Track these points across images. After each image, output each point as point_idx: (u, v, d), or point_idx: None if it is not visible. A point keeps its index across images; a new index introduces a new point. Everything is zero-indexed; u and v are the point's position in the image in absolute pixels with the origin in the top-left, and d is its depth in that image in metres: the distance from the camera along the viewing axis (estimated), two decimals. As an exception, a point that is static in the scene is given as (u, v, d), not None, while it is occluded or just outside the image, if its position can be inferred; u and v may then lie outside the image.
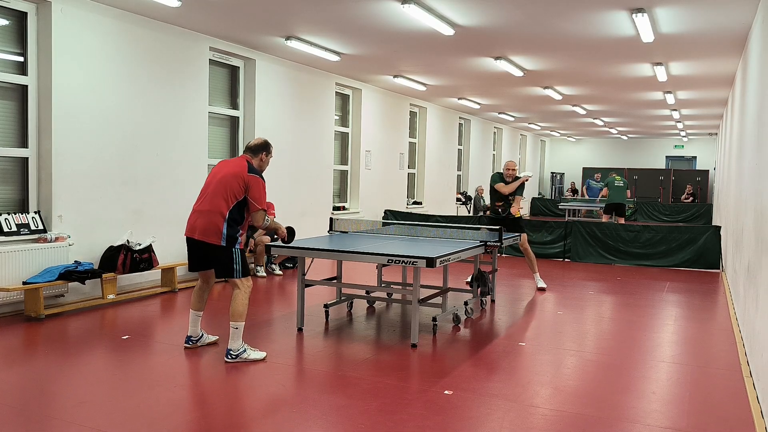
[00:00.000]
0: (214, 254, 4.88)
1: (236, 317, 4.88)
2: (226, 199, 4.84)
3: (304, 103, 10.83)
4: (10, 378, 4.49)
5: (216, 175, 4.97)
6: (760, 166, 5.21)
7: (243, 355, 4.91)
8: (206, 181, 5.04)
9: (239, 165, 4.97)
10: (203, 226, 4.84)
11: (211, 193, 4.88)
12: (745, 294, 6.01)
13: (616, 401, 4.28)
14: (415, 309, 5.47)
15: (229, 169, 4.94)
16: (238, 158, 5.11)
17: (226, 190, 4.84)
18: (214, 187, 4.88)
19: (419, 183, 16.15)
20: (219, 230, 4.82)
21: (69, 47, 6.77)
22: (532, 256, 8.52)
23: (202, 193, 4.97)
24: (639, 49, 8.70)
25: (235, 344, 4.90)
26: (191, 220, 4.95)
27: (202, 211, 4.88)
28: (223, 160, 5.19)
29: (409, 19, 7.48)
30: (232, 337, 4.90)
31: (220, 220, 4.82)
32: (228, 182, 4.86)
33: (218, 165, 5.13)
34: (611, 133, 24.71)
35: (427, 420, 3.85)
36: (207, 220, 4.84)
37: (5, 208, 6.57)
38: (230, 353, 4.90)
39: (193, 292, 5.26)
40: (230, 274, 4.90)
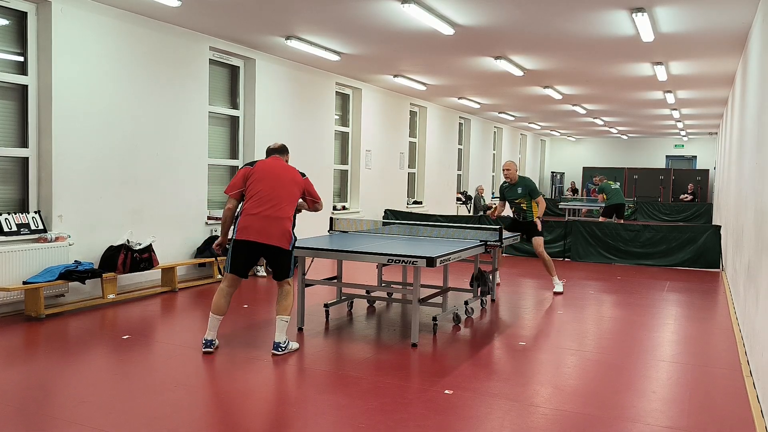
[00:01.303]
0: (279, 257, 5.10)
1: (288, 311, 5.14)
2: (292, 204, 5.13)
3: (304, 103, 10.83)
4: (10, 378, 4.49)
5: (276, 178, 5.10)
6: (760, 165, 5.21)
7: (289, 347, 5.20)
8: (266, 184, 5.06)
9: (291, 170, 5.24)
10: (278, 232, 5.00)
11: (282, 200, 5.05)
12: (745, 293, 6.01)
13: (616, 400, 4.28)
14: (415, 308, 5.47)
15: (288, 175, 5.17)
16: (278, 161, 5.28)
17: (291, 196, 5.12)
18: (283, 193, 5.06)
19: (419, 183, 16.15)
20: (290, 235, 5.09)
21: (69, 47, 6.77)
22: (546, 259, 8.14)
23: (269, 197, 5.02)
24: (639, 48, 8.70)
25: (282, 337, 5.11)
26: (259, 225, 4.98)
27: (276, 217, 5.01)
28: (266, 162, 5.23)
29: (409, 19, 7.47)
30: (280, 331, 5.10)
31: (290, 225, 5.12)
32: (291, 189, 5.14)
33: (265, 167, 5.16)
34: (611, 133, 24.71)
35: (428, 419, 3.85)
36: (282, 227, 5.02)
37: (5, 207, 6.57)
38: (279, 346, 5.10)
39: (219, 295, 5.14)
40: (288, 274, 5.17)
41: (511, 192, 8.19)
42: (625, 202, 14.69)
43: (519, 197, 8.12)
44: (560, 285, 8.27)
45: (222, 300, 5.14)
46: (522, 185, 8.13)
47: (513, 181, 8.16)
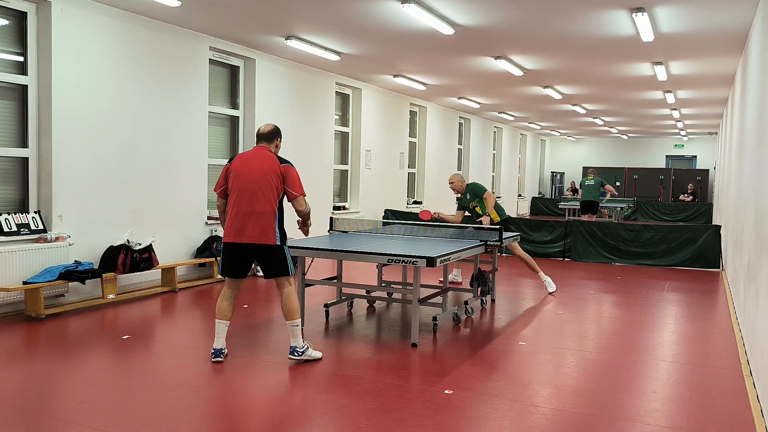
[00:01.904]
0: (268, 255, 4.83)
1: (294, 315, 4.88)
2: (272, 196, 4.79)
3: (304, 103, 10.83)
4: (10, 378, 4.49)
5: (249, 172, 4.80)
6: (760, 165, 5.21)
7: (308, 353, 4.92)
8: (241, 181, 4.80)
9: (269, 159, 4.86)
10: (257, 229, 4.76)
11: (257, 193, 4.76)
12: (745, 293, 6.01)
13: (616, 400, 4.28)
14: (415, 308, 5.47)
15: (263, 166, 4.81)
16: (259, 151, 4.92)
17: (270, 188, 4.78)
18: (257, 186, 4.76)
19: (419, 182, 16.15)
20: (273, 230, 4.80)
21: (69, 47, 6.77)
22: (526, 258, 8.08)
23: (244, 194, 4.78)
24: (639, 48, 8.70)
25: (298, 341, 4.90)
26: (237, 224, 4.79)
27: (252, 212, 4.75)
28: (242, 156, 4.93)
29: (409, 19, 7.47)
30: (294, 336, 4.89)
31: (273, 220, 4.80)
32: (268, 180, 4.78)
33: (241, 162, 4.88)
34: (611, 133, 24.71)
35: (428, 419, 3.85)
36: (260, 222, 4.76)
37: (5, 208, 6.57)
38: (296, 351, 4.89)
39: (221, 299, 4.99)
40: (285, 272, 4.88)
41: (463, 201, 8.18)
42: (596, 200, 14.45)
43: (469, 202, 8.10)
44: (551, 283, 8.19)
45: (223, 303, 4.98)
46: (469, 190, 8.09)
47: (461, 191, 8.12)
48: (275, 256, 4.85)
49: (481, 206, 8.02)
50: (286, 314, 4.90)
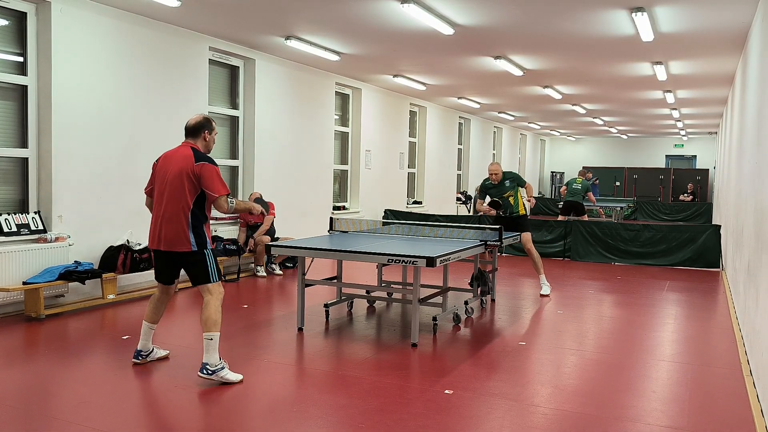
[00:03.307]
0: (186, 262, 4.46)
1: (211, 327, 4.37)
2: (183, 199, 4.36)
3: (304, 103, 10.83)
4: (10, 378, 4.49)
5: (165, 173, 4.45)
6: (760, 164, 5.21)
7: (221, 373, 4.36)
8: (157, 182, 4.51)
9: (184, 157, 4.41)
10: (169, 235, 4.40)
11: (168, 197, 4.40)
12: (745, 293, 6.01)
13: (616, 400, 4.28)
14: (415, 308, 5.47)
15: (176, 166, 4.41)
16: (181, 148, 4.52)
17: (180, 190, 4.36)
18: (169, 189, 4.39)
19: (419, 182, 16.15)
20: (185, 235, 4.37)
21: (69, 47, 6.77)
22: (535, 256, 8.02)
23: (158, 197, 4.48)
24: (639, 48, 8.69)
25: (212, 358, 4.35)
26: (154, 229, 4.48)
27: (164, 217, 4.41)
28: (165, 155, 4.59)
29: (409, 19, 7.47)
30: (207, 350, 4.36)
31: (185, 225, 4.36)
32: (179, 181, 4.36)
33: (162, 160, 4.56)
34: (611, 132, 24.71)
35: (428, 419, 3.85)
36: (171, 228, 4.39)
37: (5, 208, 6.57)
38: (206, 368, 4.34)
39: (149, 302, 4.79)
40: (206, 279, 4.46)
41: (499, 189, 8.00)
42: (581, 203, 14.03)
43: (507, 190, 7.97)
44: (548, 287, 8.10)
45: (151, 307, 4.75)
46: (509, 177, 8.00)
47: (498, 179, 7.99)
48: (194, 263, 4.45)
49: (516, 198, 7.98)
50: (202, 324, 4.41)
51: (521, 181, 8.04)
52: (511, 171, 8.19)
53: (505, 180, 7.99)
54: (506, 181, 7.99)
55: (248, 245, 8.95)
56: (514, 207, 8.02)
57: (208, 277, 4.47)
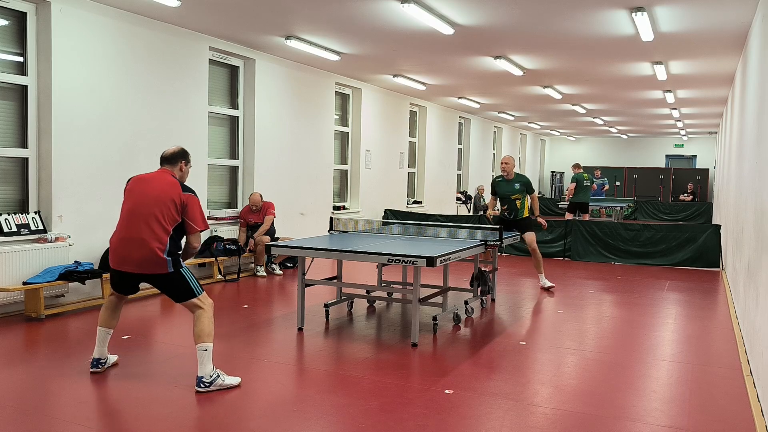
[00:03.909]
0: (162, 283, 4.36)
1: (205, 338, 4.28)
2: (164, 224, 4.28)
3: (304, 103, 10.83)
4: (10, 378, 4.49)
5: (144, 195, 4.34)
6: (760, 164, 5.21)
7: (218, 381, 4.29)
8: (130, 202, 4.38)
9: (170, 184, 4.39)
10: (141, 258, 4.26)
11: (145, 218, 4.27)
12: (745, 292, 6.01)
13: (616, 400, 4.28)
14: (415, 308, 5.47)
15: (159, 191, 4.33)
16: (161, 174, 4.49)
17: (162, 214, 4.28)
18: (147, 211, 4.28)
19: (419, 182, 16.15)
20: (161, 259, 4.26)
21: (69, 47, 6.77)
22: (538, 256, 8.23)
23: (129, 217, 4.32)
24: (639, 47, 8.70)
25: (206, 369, 4.27)
26: (121, 249, 4.32)
27: (135, 239, 4.26)
28: (140, 178, 4.52)
29: (409, 19, 7.47)
30: (201, 362, 4.26)
31: (161, 249, 4.26)
32: (163, 206, 4.29)
33: (137, 183, 4.46)
34: (611, 132, 24.72)
35: (428, 419, 3.85)
36: (144, 251, 4.24)
37: (5, 208, 6.57)
38: (203, 382, 4.24)
39: (104, 307, 4.64)
40: (189, 295, 4.37)
41: (507, 187, 8.12)
42: (589, 201, 14.08)
43: (516, 192, 8.06)
44: (547, 281, 8.37)
45: (106, 312, 4.61)
46: (519, 181, 8.11)
47: (509, 176, 8.12)
48: (170, 284, 4.36)
49: (522, 202, 8.09)
50: (195, 336, 4.31)
51: (531, 189, 8.15)
52: (524, 175, 8.28)
53: (516, 181, 8.09)
54: (516, 183, 8.09)
55: (248, 245, 8.95)
56: (519, 211, 8.13)
57: (192, 292, 4.39)
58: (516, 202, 8.10)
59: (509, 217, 8.15)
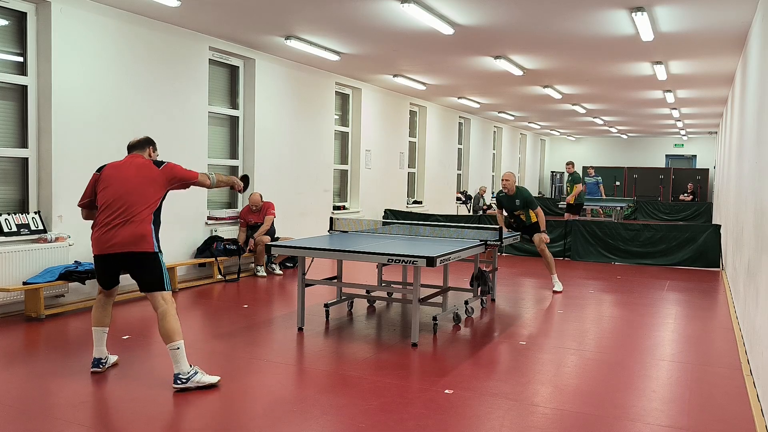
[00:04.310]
0: (142, 265, 4.38)
1: (174, 336, 4.27)
2: (148, 205, 4.38)
3: (304, 103, 10.83)
4: (10, 378, 4.49)
5: (124, 181, 4.39)
6: (760, 164, 5.21)
7: (195, 378, 4.28)
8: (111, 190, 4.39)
9: (144, 165, 4.48)
10: (129, 237, 4.31)
11: (127, 201, 4.34)
12: (745, 292, 6.01)
13: (616, 400, 4.28)
14: (415, 308, 5.47)
15: (138, 173, 4.42)
16: (132, 158, 4.56)
17: (145, 198, 4.37)
18: (131, 196, 4.35)
19: (419, 182, 16.15)
20: (149, 237, 4.36)
21: (69, 47, 6.77)
22: (548, 257, 8.23)
23: (112, 204, 4.35)
24: (639, 47, 8.70)
25: (183, 367, 4.25)
26: (103, 234, 4.37)
27: (120, 222, 4.33)
28: (113, 165, 4.55)
29: (409, 19, 7.47)
30: (176, 360, 4.27)
31: (148, 227, 4.37)
32: (145, 190, 4.38)
33: (112, 170, 4.49)
34: (611, 132, 24.72)
35: (428, 419, 3.85)
36: (132, 230, 4.32)
37: (5, 208, 6.57)
38: (179, 378, 4.24)
39: (95, 307, 4.70)
40: (160, 285, 4.39)
41: (509, 203, 8.22)
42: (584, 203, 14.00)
43: (517, 209, 8.16)
44: (559, 284, 8.31)
45: (99, 311, 4.67)
46: (520, 197, 8.11)
47: (511, 192, 8.15)
48: (148, 265, 4.39)
49: (527, 215, 8.13)
50: (163, 337, 4.30)
51: (533, 206, 8.15)
52: (526, 189, 8.26)
53: (516, 198, 8.13)
54: (517, 200, 8.13)
55: (248, 245, 8.95)
56: (526, 221, 8.20)
57: (162, 284, 4.40)
58: (520, 217, 8.20)
59: (520, 224, 8.28)
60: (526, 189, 8.27)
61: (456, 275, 8.81)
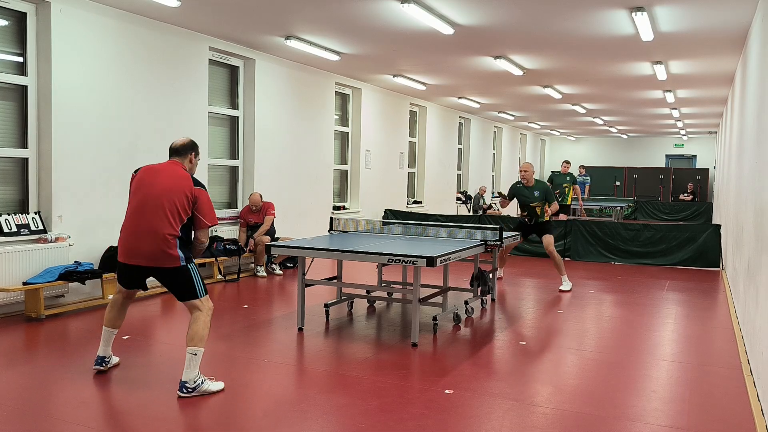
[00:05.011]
0: (171, 279, 4.26)
1: (198, 342, 4.19)
2: (174, 217, 4.20)
3: (304, 103, 10.83)
4: (10, 378, 4.49)
5: (155, 187, 4.25)
6: (759, 164, 5.21)
7: (202, 387, 4.19)
8: (140, 194, 4.29)
9: (181, 177, 4.30)
10: (152, 251, 4.17)
11: (156, 210, 4.19)
12: (745, 292, 6.01)
13: (616, 400, 4.28)
14: (415, 308, 5.47)
15: (171, 183, 4.25)
16: (170, 166, 4.40)
17: (175, 207, 4.20)
18: (155, 204, 4.19)
19: (419, 182, 16.15)
20: (174, 252, 4.19)
21: (68, 47, 6.77)
22: (557, 258, 8.30)
23: (139, 209, 4.24)
24: (638, 47, 8.69)
25: (191, 374, 4.17)
26: (131, 243, 4.24)
27: (146, 231, 4.18)
28: (150, 168, 4.42)
29: (409, 19, 7.47)
30: (188, 365, 4.16)
31: (173, 242, 4.18)
32: (173, 199, 4.20)
33: (147, 174, 4.36)
34: (611, 132, 24.71)
35: (428, 419, 3.85)
36: (156, 243, 4.16)
37: (5, 208, 6.57)
38: (186, 386, 4.15)
39: (110, 306, 4.58)
40: (193, 295, 4.28)
41: (528, 195, 8.26)
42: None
43: (535, 201, 8.20)
44: (568, 284, 8.39)
45: (113, 312, 4.55)
46: (540, 189, 8.22)
47: (529, 183, 8.24)
48: (179, 280, 4.26)
49: (542, 209, 8.22)
50: (187, 338, 4.22)
51: (551, 199, 8.25)
52: (545, 182, 8.39)
53: (536, 189, 8.22)
54: (536, 192, 8.22)
55: (248, 245, 8.96)
56: (540, 217, 8.28)
57: (195, 293, 4.29)
58: (536, 209, 8.25)
59: (529, 223, 8.33)
60: (544, 182, 8.35)
61: (456, 275, 8.81)
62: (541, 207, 8.22)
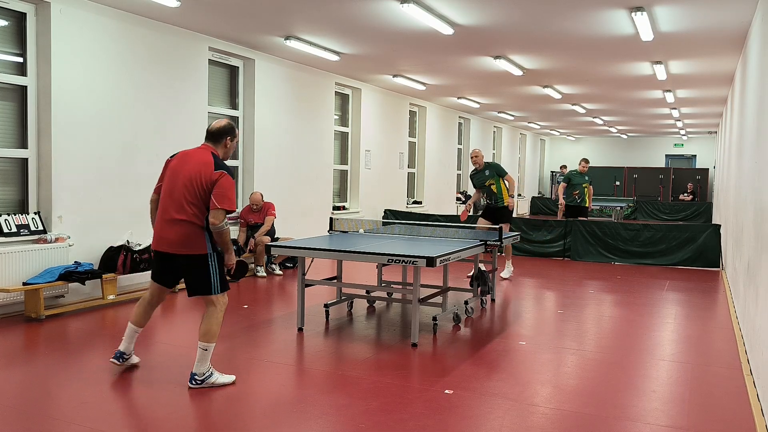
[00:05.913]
0: (188, 266, 4.27)
1: (209, 337, 4.26)
2: (194, 205, 4.18)
3: (304, 103, 10.83)
4: (10, 378, 4.49)
5: (179, 173, 4.25)
6: (759, 164, 5.21)
7: (210, 380, 4.30)
8: (168, 182, 4.29)
9: (204, 164, 4.21)
10: (177, 237, 4.19)
11: (179, 198, 4.19)
12: (745, 292, 6.01)
13: (616, 400, 4.28)
14: (415, 308, 5.47)
15: (194, 170, 4.20)
16: (200, 151, 4.32)
17: (194, 195, 4.18)
18: (179, 192, 4.20)
19: (419, 182, 16.15)
20: (200, 238, 4.19)
21: (68, 48, 6.76)
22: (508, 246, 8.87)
23: (165, 198, 4.26)
24: (638, 47, 8.70)
25: (202, 368, 4.28)
26: (158, 229, 4.29)
27: (171, 219, 4.20)
28: (183, 154, 4.38)
29: (409, 19, 7.47)
30: (199, 360, 4.27)
31: (198, 229, 4.19)
32: (195, 184, 4.17)
33: (178, 159, 4.35)
34: (611, 132, 24.71)
35: (428, 419, 3.85)
36: (180, 230, 4.18)
37: (5, 209, 6.57)
38: (195, 378, 4.27)
39: (139, 303, 4.59)
40: (208, 290, 4.27)
41: (480, 176, 8.91)
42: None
43: (488, 179, 8.78)
44: (509, 272, 9.05)
45: (141, 310, 4.55)
46: (489, 168, 8.88)
47: (480, 166, 8.90)
48: (197, 269, 4.25)
49: (498, 186, 8.78)
50: (200, 333, 4.28)
51: (502, 171, 8.86)
52: (494, 162, 8.89)
53: (485, 169, 8.89)
54: (486, 170, 8.89)
55: (248, 245, 8.95)
56: (498, 195, 8.84)
57: (209, 288, 4.28)
58: (491, 187, 8.82)
59: (494, 204, 8.85)
60: (494, 162, 8.81)
61: (456, 275, 8.81)
62: (496, 183, 8.75)
